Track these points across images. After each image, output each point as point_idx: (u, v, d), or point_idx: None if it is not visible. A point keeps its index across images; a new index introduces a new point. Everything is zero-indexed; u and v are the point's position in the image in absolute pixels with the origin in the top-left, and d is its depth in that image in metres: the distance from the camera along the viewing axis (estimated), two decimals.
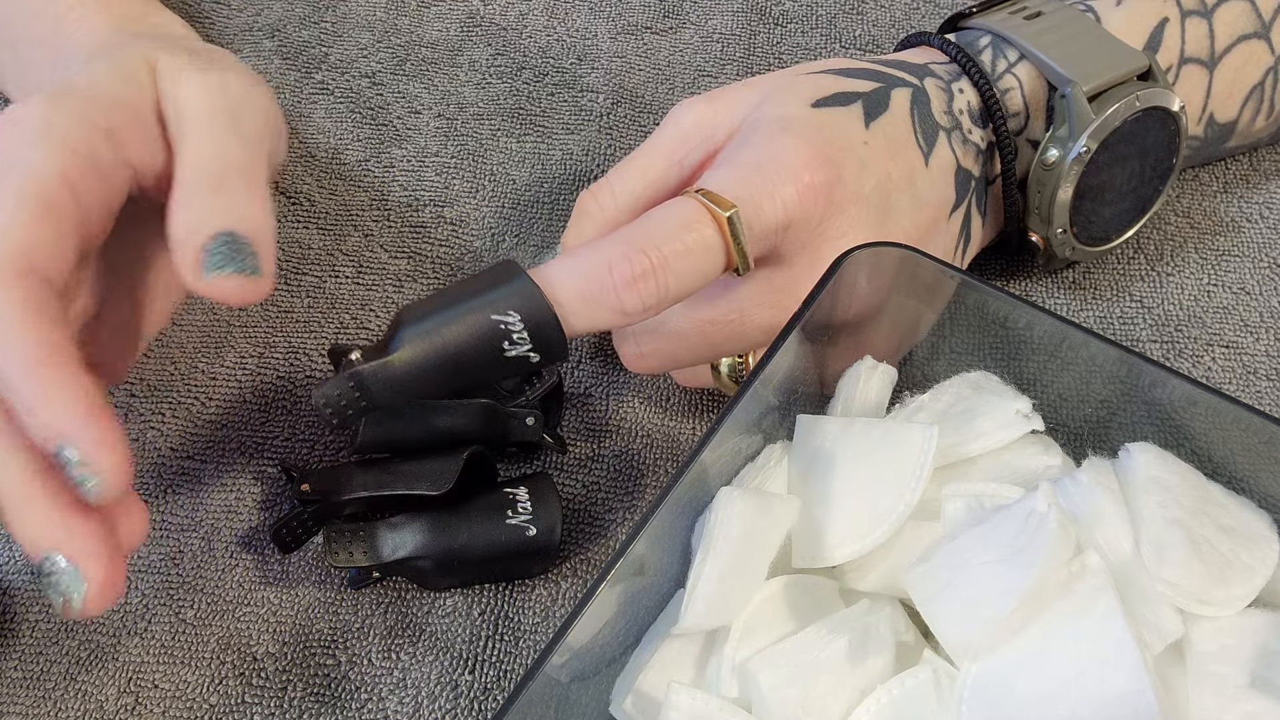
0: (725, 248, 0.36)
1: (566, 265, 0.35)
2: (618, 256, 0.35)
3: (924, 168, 0.42)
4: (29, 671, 0.39)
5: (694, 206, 0.36)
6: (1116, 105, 0.42)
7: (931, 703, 0.30)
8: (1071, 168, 0.43)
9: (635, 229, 0.36)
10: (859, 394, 0.37)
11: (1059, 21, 0.45)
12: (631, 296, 0.35)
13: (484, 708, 0.38)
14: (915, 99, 0.42)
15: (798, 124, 0.39)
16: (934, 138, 0.42)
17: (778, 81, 0.42)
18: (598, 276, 0.35)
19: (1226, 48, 0.47)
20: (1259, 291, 0.48)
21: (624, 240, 0.35)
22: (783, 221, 0.37)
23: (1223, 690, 0.30)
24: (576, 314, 0.35)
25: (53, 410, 0.31)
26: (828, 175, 0.38)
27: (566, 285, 0.35)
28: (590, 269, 0.35)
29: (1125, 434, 0.35)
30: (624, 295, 0.35)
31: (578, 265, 0.35)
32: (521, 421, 0.41)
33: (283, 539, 0.40)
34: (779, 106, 0.40)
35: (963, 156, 0.43)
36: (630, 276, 0.35)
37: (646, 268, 0.35)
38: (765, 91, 0.42)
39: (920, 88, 0.43)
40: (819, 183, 0.38)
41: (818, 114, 0.40)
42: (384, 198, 0.51)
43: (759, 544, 0.33)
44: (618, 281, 0.35)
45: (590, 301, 0.35)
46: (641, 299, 0.35)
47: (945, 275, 0.36)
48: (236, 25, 0.58)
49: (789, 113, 0.40)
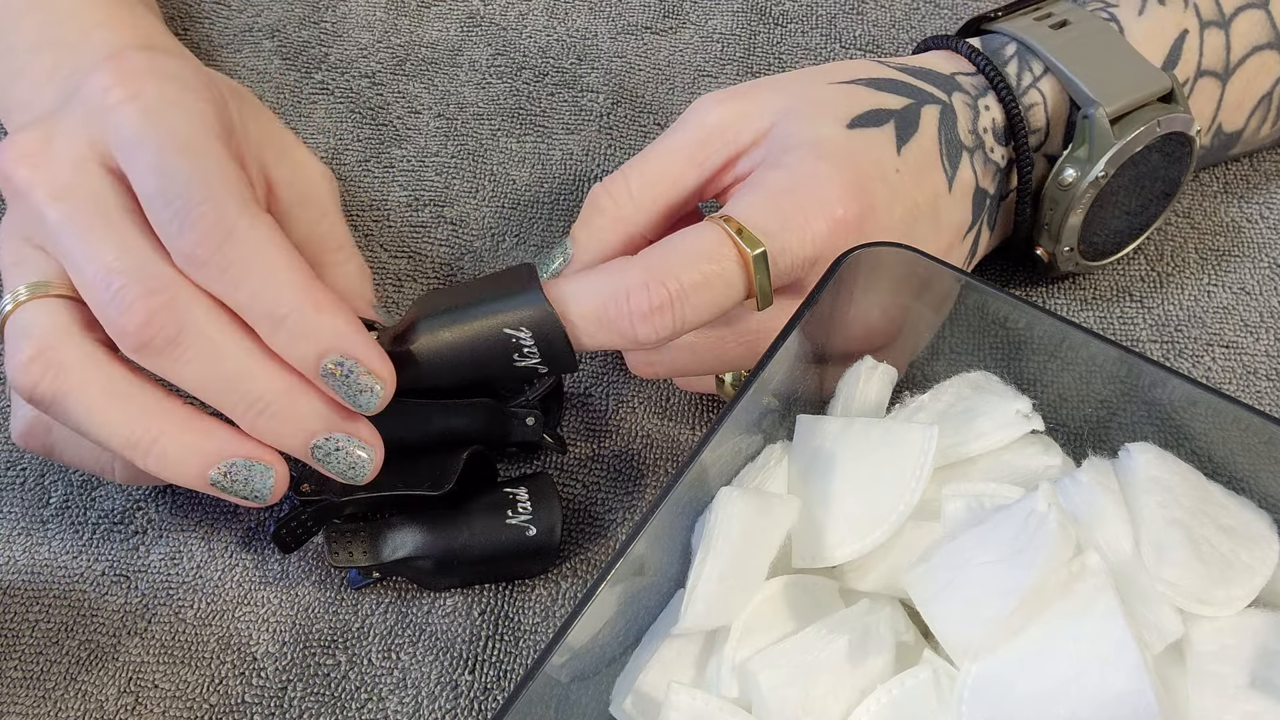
0: (747, 282, 0.36)
1: (585, 284, 0.36)
2: (636, 285, 0.35)
3: (947, 193, 0.41)
4: (29, 671, 0.39)
5: (719, 237, 0.36)
6: (1138, 131, 0.42)
7: (931, 703, 0.30)
8: (1086, 191, 0.42)
9: (657, 256, 0.36)
10: (859, 394, 0.37)
11: (1085, 33, 0.44)
12: (646, 327, 0.35)
13: (484, 708, 0.38)
14: (943, 118, 0.42)
15: (832, 149, 0.38)
16: (958, 159, 0.41)
17: (806, 89, 0.41)
18: (615, 302, 0.35)
19: (1241, 59, 0.46)
20: (1259, 291, 0.48)
21: (644, 268, 0.35)
22: (811, 257, 0.37)
23: (1223, 690, 0.30)
24: (589, 334, 0.35)
25: (331, 327, 0.33)
26: (860, 208, 0.38)
27: (583, 304, 0.35)
28: (608, 293, 0.35)
29: (1125, 434, 0.35)
30: (638, 325, 0.35)
31: (596, 286, 0.35)
32: (521, 421, 0.41)
33: (283, 539, 0.40)
34: (813, 125, 0.39)
35: (982, 177, 0.42)
36: (648, 308, 0.35)
37: (664, 300, 0.35)
38: (793, 98, 0.41)
39: (948, 105, 0.42)
40: (851, 217, 0.37)
41: (852, 137, 0.39)
42: (384, 198, 0.51)
43: (759, 544, 0.33)
44: (634, 310, 0.35)
45: (604, 325, 0.35)
46: (656, 330, 0.35)
47: (946, 276, 0.36)
48: (236, 25, 0.58)
49: (823, 134, 0.39)
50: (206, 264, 0.33)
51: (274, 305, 0.33)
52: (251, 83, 0.55)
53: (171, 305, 0.33)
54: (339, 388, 0.34)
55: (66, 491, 0.42)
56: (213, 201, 0.33)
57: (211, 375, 0.34)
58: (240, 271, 0.33)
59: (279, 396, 0.34)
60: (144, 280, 0.33)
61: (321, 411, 0.35)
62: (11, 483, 0.43)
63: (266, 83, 0.55)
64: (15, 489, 0.42)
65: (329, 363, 0.33)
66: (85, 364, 0.34)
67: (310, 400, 0.34)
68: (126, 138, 0.35)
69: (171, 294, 0.33)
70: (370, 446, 0.35)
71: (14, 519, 0.42)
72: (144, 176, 0.34)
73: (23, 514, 0.42)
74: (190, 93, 0.36)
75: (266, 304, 0.33)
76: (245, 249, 0.33)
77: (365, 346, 0.34)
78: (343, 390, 0.34)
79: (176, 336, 0.33)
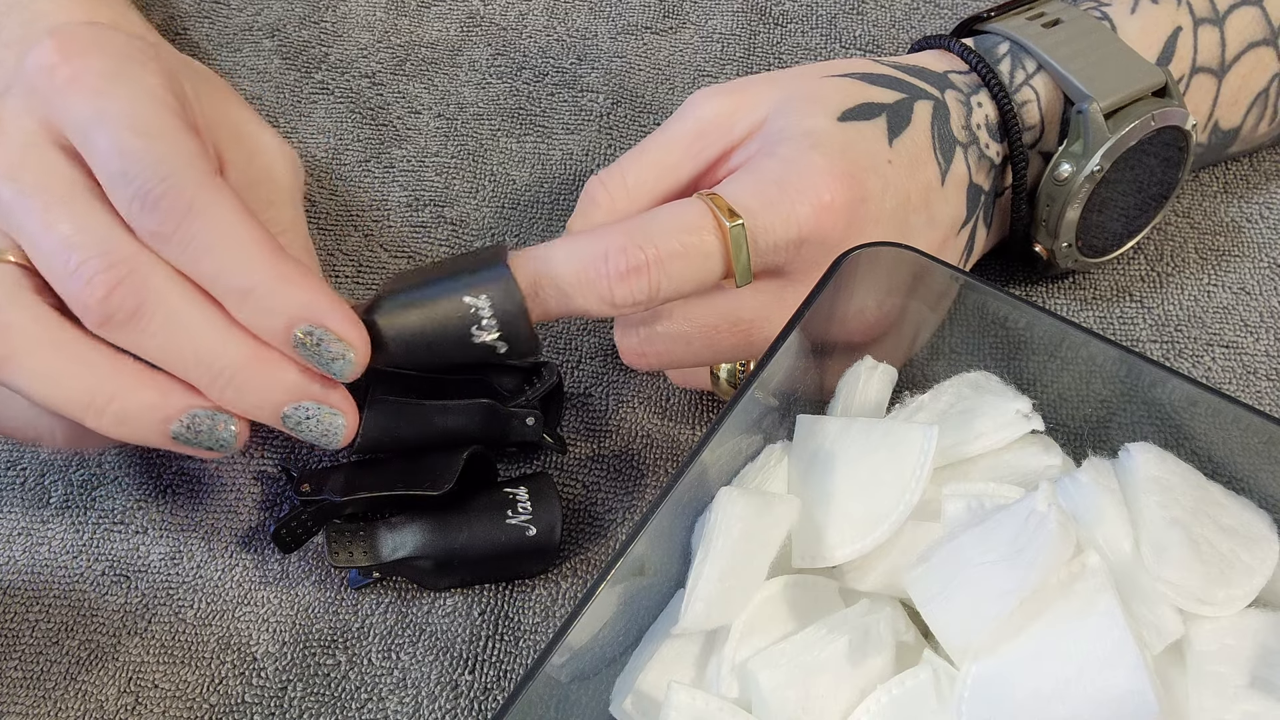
0: (725, 257, 0.36)
1: (566, 246, 0.36)
2: (615, 248, 0.35)
3: (940, 187, 0.41)
4: (29, 671, 0.39)
5: (700, 211, 0.36)
6: (1133, 124, 0.42)
7: (931, 703, 0.30)
8: (1083, 186, 0.42)
9: (638, 222, 0.36)
10: (859, 394, 0.37)
11: (1078, 31, 0.44)
12: (622, 289, 0.35)
13: (484, 708, 0.38)
14: (936, 113, 0.42)
15: (825, 140, 0.39)
16: (951, 154, 0.42)
17: (801, 83, 0.41)
18: (594, 263, 0.35)
19: (1236, 56, 0.46)
20: (1259, 291, 0.48)
21: (624, 232, 0.36)
22: (794, 239, 0.37)
23: (1223, 690, 0.30)
24: (568, 297, 0.36)
25: (299, 296, 0.33)
26: (851, 195, 0.38)
27: (563, 265, 0.36)
28: (588, 254, 0.36)
29: (1125, 434, 0.35)
30: (615, 286, 0.35)
31: (576, 248, 0.36)
32: (521, 421, 0.41)
33: (283, 539, 0.40)
34: (806, 117, 0.40)
35: (976, 172, 0.43)
36: (625, 268, 0.35)
37: (641, 263, 0.35)
38: (787, 91, 0.41)
39: (941, 101, 0.42)
40: (839, 203, 0.37)
41: (844, 129, 0.40)
42: (384, 198, 0.51)
43: (759, 544, 0.33)
44: (611, 271, 0.35)
45: (582, 285, 0.36)
46: (631, 293, 0.36)
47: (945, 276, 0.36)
48: (236, 25, 0.58)
49: (816, 126, 0.39)
50: (169, 241, 0.33)
51: (239, 280, 0.33)
52: (251, 83, 0.55)
53: (133, 278, 0.33)
54: (311, 357, 0.34)
55: (66, 491, 0.42)
56: (172, 179, 0.33)
57: (177, 347, 0.34)
58: (203, 247, 0.33)
59: (245, 366, 0.34)
60: (104, 254, 0.33)
61: (290, 380, 0.34)
62: (11, 483, 0.43)
63: (266, 83, 0.55)
64: (15, 489, 0.42)
65: (299, 332, 0.33)
66: (33, 325, 0.34)
67: (278, 369, 0.34)
68: (79, 119, 0.34)
69: (132, 266, 0.33)
70: (343, 412, 0.35)
71: (14, 519, 0.42)
72: (100, 158, 0.34)
73: (23, 514, 0.42)
74: (137, 65, 0.36)
75: (231, 279, 0.33)
76: (206, 224, 0.33)
77: (334, 314, 0.34)
78: (315, 359, 0.34)
79: (139, 309, 0.33)
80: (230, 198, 0.34)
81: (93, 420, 0.34)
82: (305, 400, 0.35)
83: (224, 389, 0.34)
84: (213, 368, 0.34)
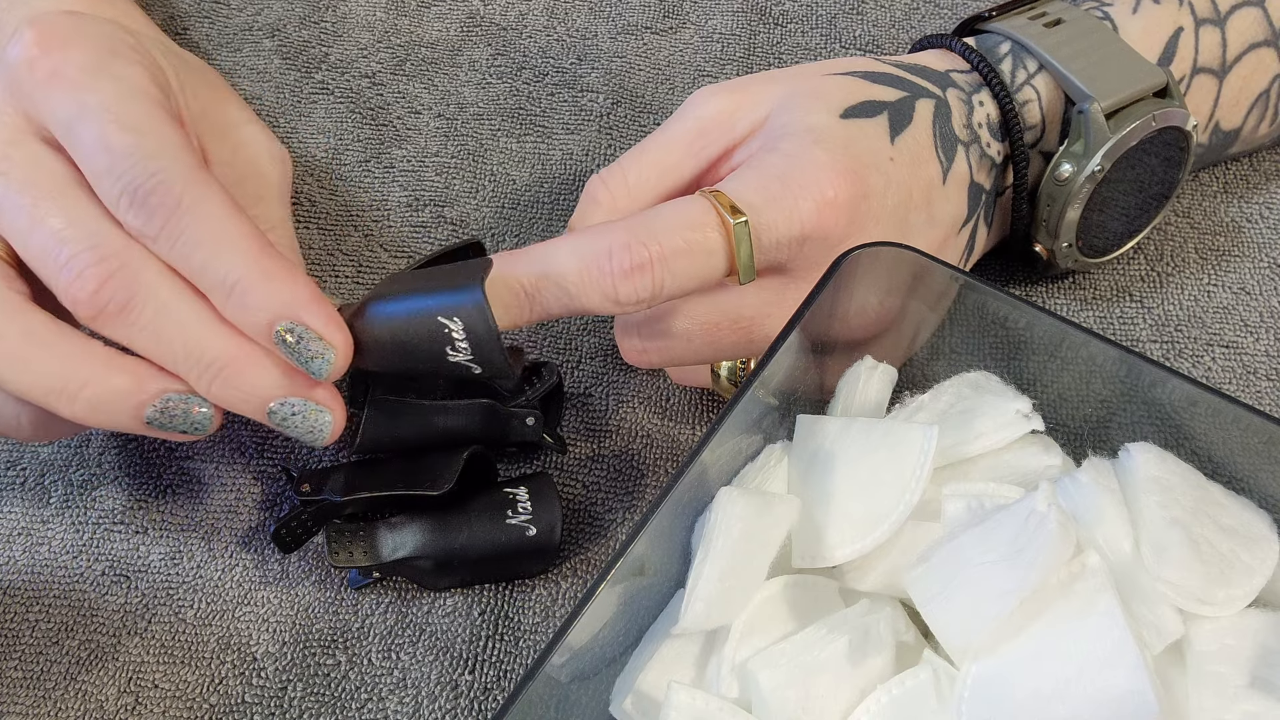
0: (728, 254, 0.36)
1: (570, 244, 0.36)
2: (619, 245, 0.35)
3: (941, 185, 0.41)
4: (29, 671, 0.39)
5: (704, 208, 0.36)
6: (1133, 125, 0.42)
7: (931, 703, 0.30)
8: (1084, 186, 0.42)
9: (641, 220, 0.36)
10: (859, 394, 0.37)
11: (1079, 31, 0.44)
12: (625, 286, 0.35)
13: (484, 708, 0.38)
14: (938, 111, 0.42)
15: (828, 136, 0.39)
16: (952, 153, 0.42)
17: (802, 81, 0.41)
18: (597, 260, 0.35)
19: (1237, 56, 0.46)
20: (1259, 291, 0.48)
21: (627, 229, 0.36)
22: (797, 236, 0.37)
23: (1223, 690, 0.30)
24: (571, 295, 0.36)
25: (281, 293, 0.33)
26: (853, 192, 0.38)
27: (567, 262, 0.36)
28: (591, 252, 0.36)
29: (1125, 434, 0.35)
30: (619, 284, 0.35)
31: (580, 246, 0.36)
32: (521, 421, 0.41)
33: (283, 539, 0.40)
34: (808, 114, 0.40)
35: (977, 171, 0.43)
36: (628, 266, 0.35)
37: (645, 260, 0.35)
38: (789, 88, 0.41)
39: (943, 99, 0.42)
40: (842, 200, 0.37)
41: (846, 126, 0.39)
42: (384, 198, 0.51)
43: (759, 544, 0.33)
44: (614, 269, 0.35)
45: (586, 283, 0.36)
46: (635, 290, 0.35)
47: (945, 276, 0.36)
48: (236, 25, 0.58)
49: (819, 122, 0.39)
50: (157, 237, 0.34)
51: (224, 274, 0.33)
52: (251, 83, 0.55)
53: (124, 272, 0.33)
54: (291, 354, 0.34)
55: (66, 491, 0.42)
56: (161, 174, 0.33)
57: (167, 340, 0.34)
58: (190, 242, 0.33)
59: (233, 361, 0.34)
60: (94, 248, 0.33)
61: (276, 376, 0.35)
62: (11, 483, 0.43)
63: (266, 83, 0.55)
64: (15, 489, 0.42)
65: (280, 328, 0.34)
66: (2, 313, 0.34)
67: (265, 365, 0.34)
68: (62, 114, 0.34)
69: (123, 260, 0.33)
70: (329, 409, 0.35)
71: (14, 519, 0.42)
72: (86, 153, 0.34)
73: (23, 514, 0.42)
74: (118, 57, 0.36)
75: (217, 273, 0.34)
76: (193, 219, 0.33)
77: (315, 313, 0.34)
78: (295, 356, 0.34)
79: (129, 302, 0.33)
80: (219, 193, 0.34)
81: (65, 407, 0.34)
82: (291, 396, 0.35)
83: (211, 382, 0.34)
84: (201, 361, 0.34)
